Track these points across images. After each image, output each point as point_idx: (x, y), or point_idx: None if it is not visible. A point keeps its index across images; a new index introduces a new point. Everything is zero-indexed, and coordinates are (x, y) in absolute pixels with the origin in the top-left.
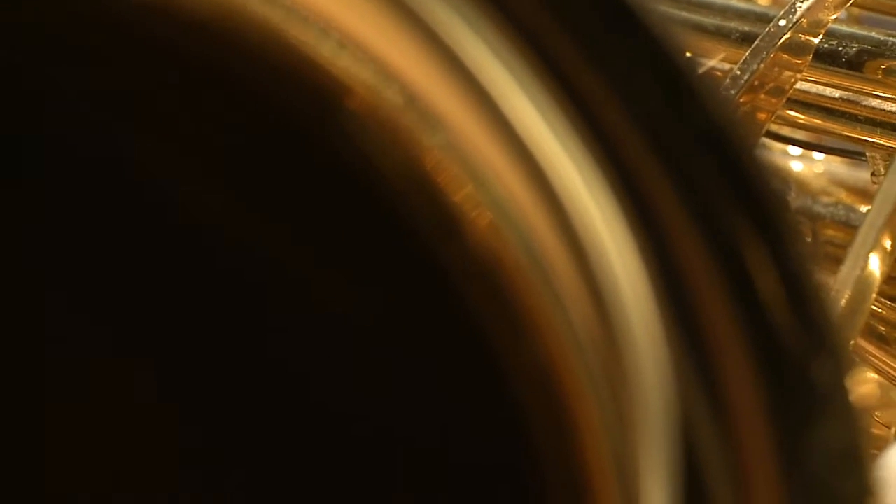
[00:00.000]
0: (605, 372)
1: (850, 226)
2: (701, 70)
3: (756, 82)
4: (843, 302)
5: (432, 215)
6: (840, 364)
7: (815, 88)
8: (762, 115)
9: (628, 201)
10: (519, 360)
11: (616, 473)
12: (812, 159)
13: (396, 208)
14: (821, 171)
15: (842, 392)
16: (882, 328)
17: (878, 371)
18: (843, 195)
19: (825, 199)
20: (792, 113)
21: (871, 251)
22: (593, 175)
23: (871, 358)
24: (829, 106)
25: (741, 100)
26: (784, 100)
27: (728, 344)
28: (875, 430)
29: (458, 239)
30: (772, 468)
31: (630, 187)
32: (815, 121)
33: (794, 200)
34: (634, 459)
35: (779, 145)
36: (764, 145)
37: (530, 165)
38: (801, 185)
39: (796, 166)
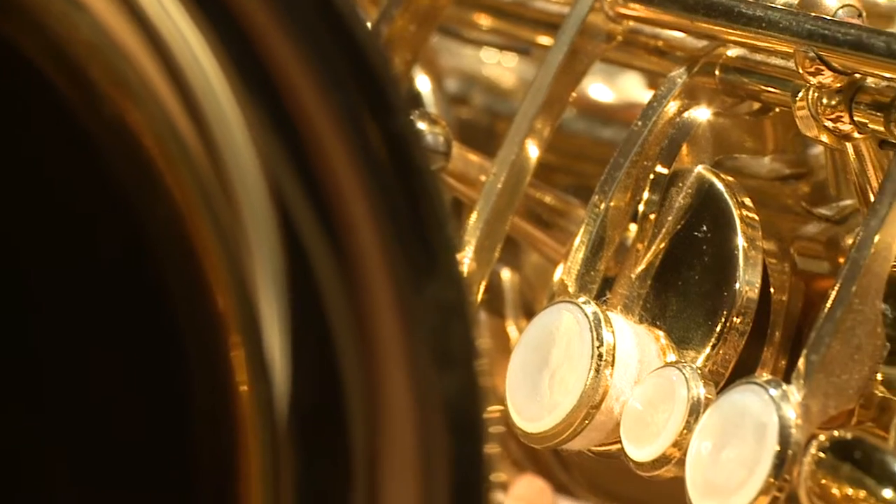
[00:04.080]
0: (225, 217)
1: None
2: None
3: None
4: (499, 185)
5: (76, 88)
6: (445, 231)
7: None
8: (433, 12)
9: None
10: (153, 206)
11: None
12: (502, 65)
13: (49, 83)
14: (512, 72)
15: (448, 256)
16: (541, 211)
17: (540, 252)
18: None
19: (512, 100)
20: (476, 18)
21: (525, 137)
22: (216, 53)
23: (534, 240)
24: (502, 8)
25: None
26: None
27: (351, 209)
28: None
29: (100, 109)
30: (392, 318)
31: (245, 46)
32: (499, 23)
33: (482, 100)
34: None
35: (472, 50)
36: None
37: (159, 46)
38: (491, 86)
39: (490, 69)
